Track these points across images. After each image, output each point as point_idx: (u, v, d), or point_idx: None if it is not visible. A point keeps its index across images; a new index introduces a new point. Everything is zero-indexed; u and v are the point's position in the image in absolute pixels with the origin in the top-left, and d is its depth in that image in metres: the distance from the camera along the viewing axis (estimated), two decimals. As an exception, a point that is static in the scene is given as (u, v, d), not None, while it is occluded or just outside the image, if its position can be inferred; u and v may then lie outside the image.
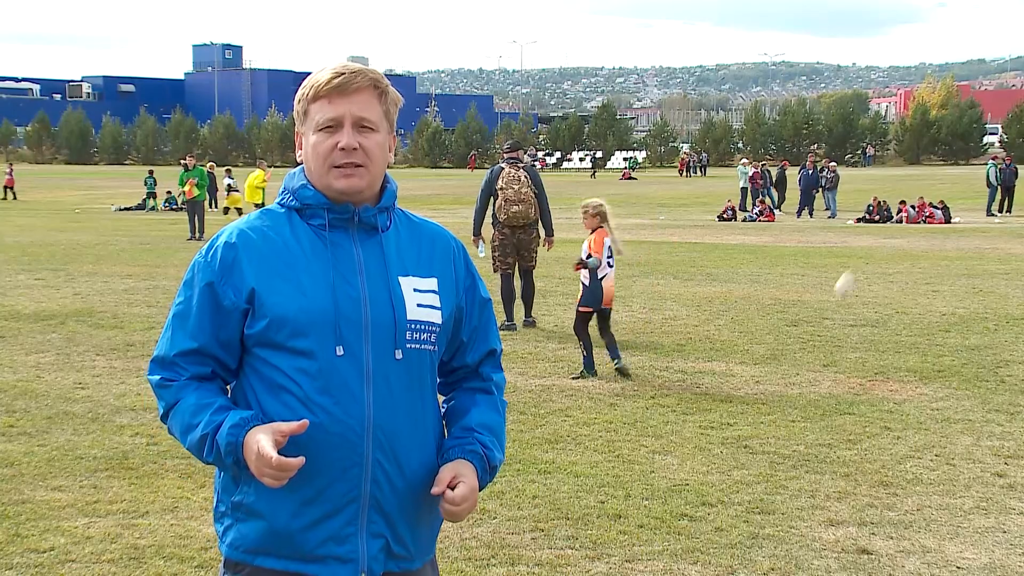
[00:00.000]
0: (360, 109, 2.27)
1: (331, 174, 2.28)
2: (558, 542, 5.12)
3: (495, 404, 2.48)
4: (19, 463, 6.37)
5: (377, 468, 2.26)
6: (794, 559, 4.92)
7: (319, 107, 2.28)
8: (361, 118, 2.28)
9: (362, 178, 2.29)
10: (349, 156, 2.26)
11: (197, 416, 2.24)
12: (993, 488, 5.97)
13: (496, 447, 2.41)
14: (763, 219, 31.15)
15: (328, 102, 2.27)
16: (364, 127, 2.28)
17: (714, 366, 9.38)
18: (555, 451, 6.70)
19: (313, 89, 2.29)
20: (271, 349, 2.25)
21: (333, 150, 2.27)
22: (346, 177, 2.27)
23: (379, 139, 2.31)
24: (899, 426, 7.28)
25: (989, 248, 20.73)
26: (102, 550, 4.97)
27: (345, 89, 2.26)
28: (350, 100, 2.27)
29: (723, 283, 15.29)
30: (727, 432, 7.13)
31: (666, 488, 5.93)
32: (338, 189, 2.28)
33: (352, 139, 2.26)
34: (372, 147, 2.29)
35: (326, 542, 2.25)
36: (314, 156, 2.30)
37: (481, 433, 2.40)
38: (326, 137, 2.28)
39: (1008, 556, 4.98)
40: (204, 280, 2.28)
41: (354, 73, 2.28)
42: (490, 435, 2.41)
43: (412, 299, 2.30)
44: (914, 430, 7.19)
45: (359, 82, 2.28)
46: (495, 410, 2.47)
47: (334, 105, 2.27)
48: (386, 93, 2.33)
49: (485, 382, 2.49)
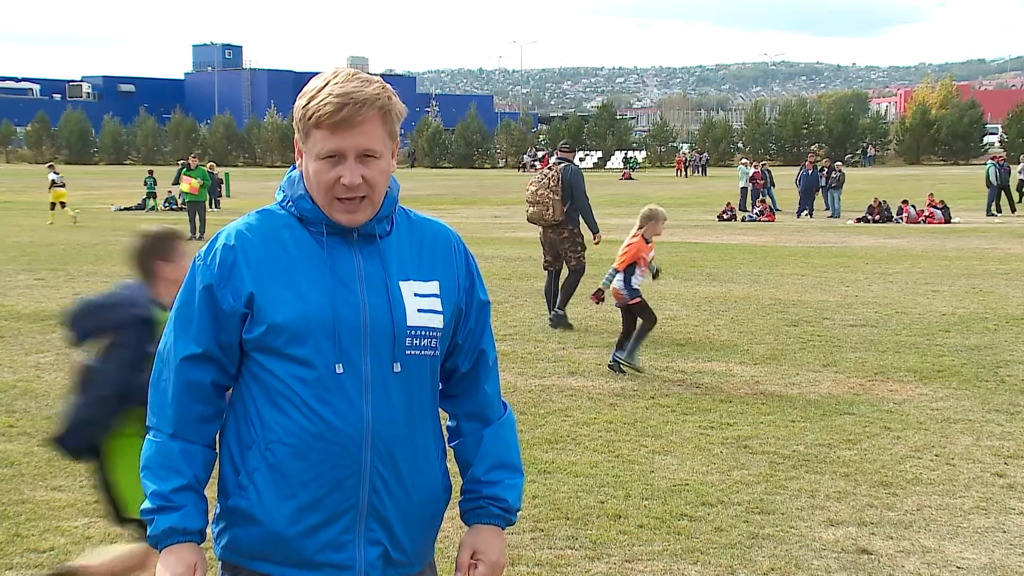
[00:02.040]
0: (365, 141, 2.19)
1: (333, 206, 2.23)
2: (558, 542, 5.12)
3: (497, 432, 2.43)
4: (19, 463, 6.37)
5: (376, 476, 2.24)
6: (794, 559, 4.92)
7: (321, 136, 2.19)
8: (365, 150, 2.20)
9: (365, 211, 2.24)
10: (352, 192, 2.21)
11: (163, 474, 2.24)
12: (993, 488, 5.97)
13: (510, 484, 2.41)
14: (763, 219, 31.14)
15: (331, 133, 2.18)
16: (368, 156, 2.21)
17: (714, 366, 9.38)
18: (555, 451, 6.70)
19: (316, 116, 2.18)
20: (269, 355, 2.23)
21: (336, 183, 2.20)
22: (349, 213, 2.23)
23: (382, 166, 2.24)
24: (899, 426, 7.28)
25: (989, 248, 20.72)
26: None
27: (349, 123, 2.17)
28: (354, 133, 2.18)
29: (723, 283, 15.29)
30: (727, 432, 7.13)
31: (666, 488, 5.93)
32: (340, 222, 2.24)
33: (355, 175, 2.19)
34: (375, 176, 2.22)
35: (323, 549, 2.24)
36: (316, 184, 2.23)
37: (492, 484, 2.39)
38: (328, 168, 2.20)
39: (1008, 556, 4.98)
40: (203, 283, 2.25)
41: (359, 104, 2.17)
42: (500, 473, 2.40)
43: (413, 304, 2.27)
44: (914, 430, 7.19)
45: (364, 114, 2.17)
46: (499, 438, 2.43)
47: (337, 138, 2.18)
48: (390, 111, 2.23)
49: (483, 408, 2.44)
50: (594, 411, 7.75)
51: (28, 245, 21.79)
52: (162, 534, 2.22)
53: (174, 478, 2.23)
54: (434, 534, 2.43)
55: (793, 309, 12.65)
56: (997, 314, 12.13)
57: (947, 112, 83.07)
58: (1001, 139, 77.21)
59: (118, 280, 4.40)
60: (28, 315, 12.16)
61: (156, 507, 2.22)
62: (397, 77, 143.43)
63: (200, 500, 2.26)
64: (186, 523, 2.22)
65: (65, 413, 4.01)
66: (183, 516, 2.22)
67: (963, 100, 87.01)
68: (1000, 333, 10.92)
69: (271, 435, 2.22)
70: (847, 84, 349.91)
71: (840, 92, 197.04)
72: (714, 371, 9.16)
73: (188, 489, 2.24)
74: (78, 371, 4.01)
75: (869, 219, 29.44)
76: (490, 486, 2.39)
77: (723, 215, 31.26)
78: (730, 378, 8.88)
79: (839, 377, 8.89)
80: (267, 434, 2.23)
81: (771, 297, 13.73)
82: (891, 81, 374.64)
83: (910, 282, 15.25)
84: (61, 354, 9.87)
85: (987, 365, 9.28)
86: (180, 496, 2.22)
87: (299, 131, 2.26)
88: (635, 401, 8.06)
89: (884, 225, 28.55)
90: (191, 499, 2.24)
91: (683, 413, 7.66)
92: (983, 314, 12.14)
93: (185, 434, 2.26)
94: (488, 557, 2.34)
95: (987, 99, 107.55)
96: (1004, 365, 9.29)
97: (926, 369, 9.14)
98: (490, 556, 2.34)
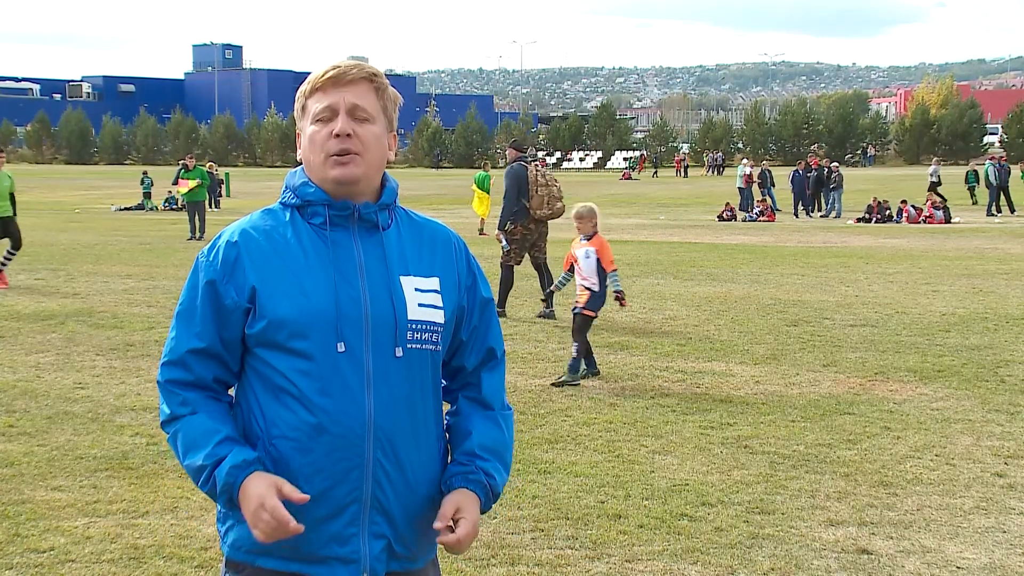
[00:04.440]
0: (355, 97, 2.28)
1: (327, 164, 2.27)
2: (558, 542, 5.11)
3: (496, 421, 2.44)
4: (19, 463, 6.37)
5: (378, 469, 2.25)
6: (794, 559, 4.92)
7: (315, 99, 2.30)
8: (356, 106, 2.27)
9: (357, 166, 2.27)
10: (343, 143, 2.25)
11: (201, 442, 2.23)
12: (993, 488, 5.97)
13: (499, 471, 2.40)
14: (763, 219, 31.15)
15: (323, 93, 2.29)
16: (359, 117, 2.28)
17: (714, 366, 9.38)
18: (555, 451, 6.70)
19: (310, 84, 2.32)
20: (271, 349, 2.24)
21: (328, 139, 2.27)
22: (341, 166, 2.26)
23: (375, 130, 2.30)
24: (899, 426, 7.28)
25: (989, 248, 20.73)
26: (102, 550, 4.97)
27: (340, 80, 2.28)
28: (345, 89, 2.28)
29: (723, 283, 15.29)
30: (727, 432, 7.13)
31: (666, 488, 5.92)
32: (333, 177, 2.26)
33: (347, 125, 2.26)
34: (367, 136, 2.28)
35: (328, 543, 2.24)
36: (311, 147, 2.30)
37: (484, 459, 2.38)
38: (322, 127, 2.28)
39: (1008, 556, 4.98)
40: (206, 279, 2.27)
41: (349, 67, 2.30)
42: (493, 458, 2.39)
43: (413, 299, 2.29)
44: (914, 430, 7.18)
45: (355, 73, 2.29)
46: (497, 427, 2.43)
47: (329, 95, 2.28)
48: (383, 88, 2.33)
49: (485, 395, 2.45)
50: (594, 411, 7.75)
51: (28, 245, 21.73)
52: (228, 477, 2.19)
53: (211, 437, 2.22)
54: (436, 530, 2.42)
55: (793, 309, 12.65)
56: (997, 314, 12.13)
57: (947, 112, 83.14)
58: (1001, 139, 77.26)
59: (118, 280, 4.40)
60: (28, 315, 12.16)
61: (210, 464, 2.21)
62: (397, 77, 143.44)
63: (243, 444, 2.24)
64: (243, 456, 2.20)
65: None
66: (236, 454, 2.20)
67: (963, 100, 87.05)
68: (1000, 333, 10.92)
69: (274, 430, 2.23)
70: (847, 84, 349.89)
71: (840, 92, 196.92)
72: (714, 371, 9.15)
73: (227, 440, 2.23)
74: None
75: (869, 219, 29.45)
76: (483, 461, 2.38)
77: (723, 215, 31.27)
78: (730, 378, 8.88)
79: (839, 377, 8.89)
80: (270, 429, 2.24)
81: (771, 297, 13.73)
82: (891, 81, 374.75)
83: (910, 282, 15.25)
84: (61, 354, 9.88)
85: (987, 365, 9.28)
86: (223, 447, 2.21)
87: (298, 113, 2.35)
88: (635, 401, 8.05)
89: (884, 225, 28.55)
90: (236, 444, 2.23)
91: (683, 413, 7.66)
92: (983, 314, 12.14)
93: (205, 407, 2.27)
94: (469, 516, 2.31)
95: (987, 99, 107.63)
96: (1004, 365, 9.29)
97: (926, 369, 9.14)
98: (471, 516, 2.31)
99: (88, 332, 11.05)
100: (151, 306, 12.94)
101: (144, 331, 11.05)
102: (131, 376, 8.85)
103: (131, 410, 7.68)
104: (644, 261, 18.34)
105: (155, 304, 13.07)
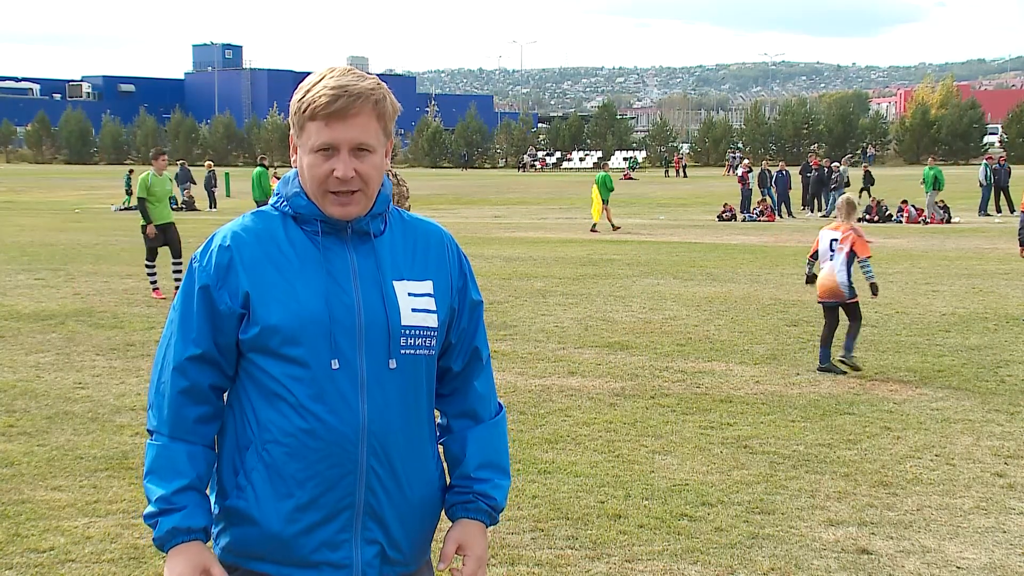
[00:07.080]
0: (359, 134, 2.19)
1: (327, 199, 2.23)
2: (558, 542, 5.12)
3: (488, 430, 2.43)
4: (19, 463, 6.37)
5: (372, 475, 2.24)
6: (794, 559, 4.92)
7: (316, 128, 2.20)
8: (359, 143, 2.20)
9: (358, 204, 2.24)
10: (345, 185, 2.21)
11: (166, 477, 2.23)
12: (993, 488, 5.97)
13: (499, 485, 2.41)
14: (763, 219, 31.15)
15: (325, 125, 2.18)
16: (362, 150, 2.22)
17: (714, 366, 9.38)
18: (555, 451, 6.70)
19: (310, 108, 2.19)
20: (265, 355, 2.23)
21: (329, 176, 2.21)
22: (342, 205, 2.23)
23: (376, 161, 2.24)
24: (899, 426, 7.28)
25: (989, 248, 20.72)
26: (102, 550, 4.97)
27: (344, 114, 2.18)
28: (348, 125, 2.18)
29: (723, 283, 15.29)
30: (727, 432, 7.13)
31: (666, 488, 5.92)
32: (332, 214, 2.24)
33: (348, 168, 2.20)
34: (369, 171, 2.23)
35: (320, 548, 2.24)
36: (310, 178, 2.24)
37: (482, 480, 2.39)
38: (322, 161, 2.20)
39: (1008, 556, 4.98)
40: (200, 284, 2.26)
41: (352, 97, 2.18)
42: (491, 473, 2.40)
43: (407, 304, 2.27)
44: (914, 430, 7.19)
45: (359, 106, 2.18)
46: (490, 437, 2.43)
47: (331, 130, 2.18)
48: (384, 110, 2.24)
49: (474, 406, 2.43)
50: (594, 411, 7.75)
51: (28, 245, 21.79)
52: (166, 535, 2.21)
53: (176, 479, 2.22)
54: (431, 533, 2.42)
55: (793, 309, 12.65)
56: (997, 314, 12.13)
57: (947, 112, 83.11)
58: (1001, 139, 77.28)
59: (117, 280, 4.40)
60: (28, 315, 12.17)
61: (159, 510, 2.22)
62: (397, 77, 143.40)
63: (203, 499, 2.25)
64: (189, 522, 2.21)
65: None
66: (185, 516, 2.21)
67: (963, 100, 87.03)
68: (1000, 333, 10.92)
69: (267, 435, 2.23)
70: (847, 84, 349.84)
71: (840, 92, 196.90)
72: (714, 371, 9.15)
73: (190, 489, 2.23)
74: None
75: (867, 219, 29.44)
76: (480, 483, 2.39)
77: (723, 215, 31.27)
78: (730, 378, 8.87)
79: (839, 377, 8.89)
80: (263, 434, 2.23)
81: (771, 297, 13.73)
82: (891, 81, 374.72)
83: (910, 282, 15.25)
84: (61, 354, 9.88)
85: (987, 365, 9.28)
86: (182, 497, 2.22)
87: (294, 125, 2.27)
88: (635, 401, 8.05)
89: (884, 225, 28.54)
90: (193, 499, 2.23)
91: (683, 413, 7.66)
92: (983, 314, 12.14)
93: (185, 436, 2.26)
94: (474, 552, 2.34)
95: (987, 99, 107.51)
96: (1004, 365, 9.29)
97: (926, 369, 9.14)
98: (476, 551, 2.35)
99: (88, 332, 11.05)
100: (151, 306, 12.94)
101: (144, 331, 11.05)
102: (131, 376, 8.84)
103: (131, 410, 7.68)
104: (644, 261, 18.35)
105: (155, 304, 13.07)
